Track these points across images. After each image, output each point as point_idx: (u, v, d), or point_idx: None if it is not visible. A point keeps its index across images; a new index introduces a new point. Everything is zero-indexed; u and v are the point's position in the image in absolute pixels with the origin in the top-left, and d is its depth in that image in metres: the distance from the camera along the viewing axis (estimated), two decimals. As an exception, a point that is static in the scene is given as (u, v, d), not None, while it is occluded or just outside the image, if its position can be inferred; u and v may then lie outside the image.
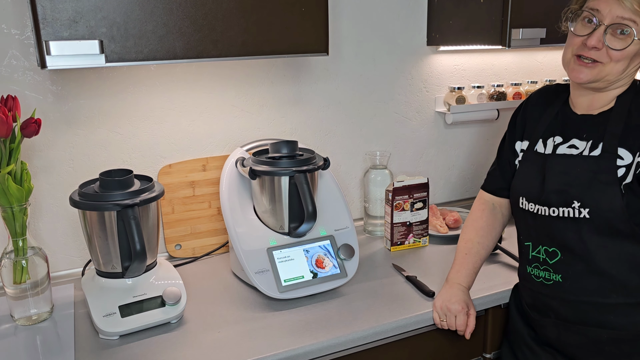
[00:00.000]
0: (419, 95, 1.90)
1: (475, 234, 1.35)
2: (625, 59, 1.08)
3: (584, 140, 1.15)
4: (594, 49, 1.08)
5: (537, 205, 1.18)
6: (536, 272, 1.21)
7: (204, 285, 1.43)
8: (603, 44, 1.07)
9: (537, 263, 1.21)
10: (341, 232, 1.43)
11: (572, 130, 1.18)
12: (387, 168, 1.74)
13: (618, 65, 1.08)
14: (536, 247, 1.21)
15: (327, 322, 1.23)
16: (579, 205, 1.12)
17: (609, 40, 1.07)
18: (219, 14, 1.23)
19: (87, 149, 1.49)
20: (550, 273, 1.19)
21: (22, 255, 1.24)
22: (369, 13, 1.75)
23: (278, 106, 1.69)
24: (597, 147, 1.13)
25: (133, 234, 1.16)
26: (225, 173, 1.43)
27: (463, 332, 1.26)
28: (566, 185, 1.14)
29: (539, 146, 1.22)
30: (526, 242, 1.24)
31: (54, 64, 1.11)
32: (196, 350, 1.14)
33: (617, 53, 1.07)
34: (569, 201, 1.13)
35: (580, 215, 1.12)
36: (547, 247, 1.18)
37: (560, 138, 1.19)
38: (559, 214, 1.14)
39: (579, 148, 1.16)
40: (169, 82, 1.55)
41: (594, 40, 1.07)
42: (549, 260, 1.18)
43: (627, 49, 1.06)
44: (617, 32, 1.06)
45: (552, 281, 1.18)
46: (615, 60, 1.08)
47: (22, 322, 1.26)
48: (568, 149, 1.17)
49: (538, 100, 1.29)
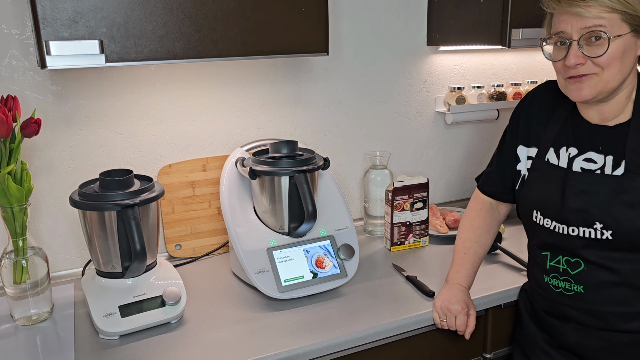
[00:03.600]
0: (419, 95, 1.90)
1: (472, 233, 1.34)
2: (615, 61, 1.03)
3: (601, 153, 1.10)
4: (578, 65, 1.05)
5: (555, 222, 1.14)
6: (555, 282, 1.17)
7: (204, 285, 1.43)
8: (583, 56, 1.04)
9: (556, 273, 1.17)
10: (341, 232, 1.43)
11: (587, 141, 1.13)
12: (387, 168, 1.74)
13: (611, 69, 1.04)
14: (555, 257, 1.17)
15: (327, 322, 1.23)
16: (602, 227, 1.07)
17: (588, 51, 1.03)
18: (219, 14, 1.23)
19: (87, 149, 1.49)
20: (571, 284, 1.14)
21: (22, 255, 1.24)
22: (369, 13, 1.75)
23: (278, 106, 1.69)
24: (619, 164, 1.08)
25: (133, 234, 1.16)
26: (225, 173, 1.43)
27: (463, 333, 1.26)
28: (587, 204, 1.09)
29: (550, 156, 1.17)
30: (543, 252, 1.19)
31: (54, 64, 1.11)
32: (196, 350, 1.14)
33: (602, 59, 1.03)
34: (590, 222, 1.08)
35: (602, 236, 1.08)
36: (569, 258, 1.14)
37: (575, 150, 1.14)
38: (579, 233, 1.10)
39: (597, 162, 1.10)
40: (169, 82, 1.55)
41: (572, 57, 1.04)
42: (571, 271, 1.14)
43: (609, 50, 1.02)
44: (592, 40, 1.02)
45: (573, 292, 1.14)
46: (605, 66, 1.03)
47: (22, 322, 1.26)
48: (585, 162, 1.12)
49: (543, 100, 1.23)
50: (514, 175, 1.26)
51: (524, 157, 1.24)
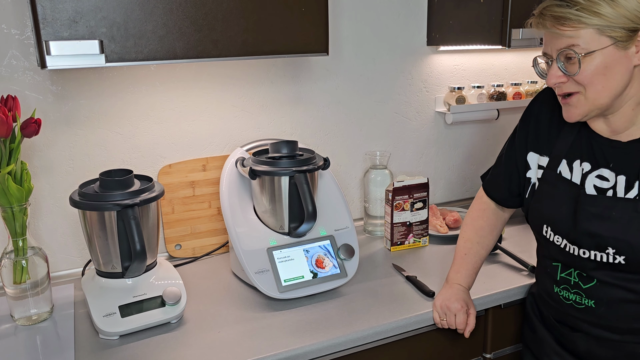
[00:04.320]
0: (419, 95, 1.90)
1: (474, 233, 1.33)
2: (595, 77, 0.99)
3: (612, 171, 1.07)
4: (560, 84, 1.03)
5: (566, 241, 1.11)
6: (565, 294, 1.15)
7: (204, 285, 1.43)
8: (563, 75, 1.02)
9: (567, 285, 1.14)
10: (341, 232, 1.43)
11: (600, 157, 1.09)
12: (387, 168, 1.74)
13: (594, 86, 1.00)
14: (566, 270, 1.14)
15: (327, 322, 1.23)
16: (614, 252, 1.04)
17: (568, 68, 1.01)
18: (219, 14, 1.23)
19: (87, 149, 1.49)
20: (582, 297, 1.12)
21: (22, 255, 1.24)
22: (369, 13, 1.75)
23: (278, 106, 1.69)
24: (632, 186, 1.04)
25: (133, 234, 1.16)
26: (225, 173, 1.43)
27: (463, 331, 1.26)
28: (600, 229, 1.05)
29: (563, 169, 1.13)
30: (554, 263, 1.17)
31: (54, 64, 1.11)
32: (196, 350, 1.14)
33: (580, 77, 1.00)
34: (602, 247, 1.06)
35: (615, 261, 1.05)
36: (581, 272, 1.11)
37: (588, 165, 1.10)
38: (590, 256, 1.08)
39: (609, 180, 1.07)
40: (169, 82, 1.55)
41: (552, 77, 1.03)
42: (582, 285, 1.11)
43: (585, 67, 0.99)
44: (570, 59, 1.00)
45: (584, 305, 1.12)
46: (586, 84, 1.00)
47: (22, 322, 1.26)
48: (598, 179, 1.08)
49: (552, 105, 1.16)
50: (522, 181, 1.22)
51: (534, 165, 1.20)
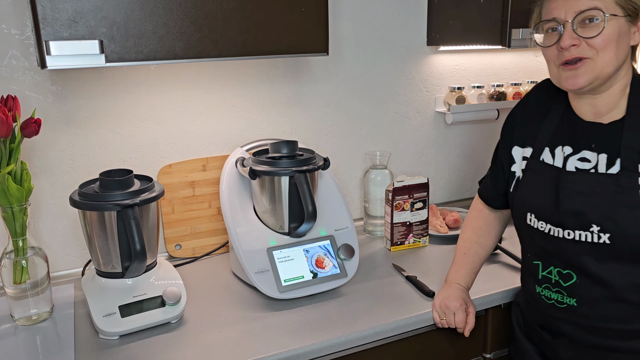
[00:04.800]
0: (419, 95, 1.90)
1: (473, 233, 1.33)
2: (610, 43, 0.99)
3: (594, 151, 1.06)
4: (572, 47, 1.01)
5: (550, 225, 1.09)
6: (547, 294, 1.13)
7: (204, 285, 1.43)
8: (578, 38, 1.00)
9: (548, 284, 1.12)
10: (341, 232, 1.43)
11: (581, 139, 1.08)
12: (387, 168, 1.74)
13: (607, 52, 1.00)
14: (547, 267, 1.12)
15: (327, 322, 1.23)
16: (599, 230, 1.02)
17: (582, 32, 0.99)
18: (219, 14, 1.23)
19: (87, 149, 1.49)
20: (563, 296, 1.10)
21: (22, 255, 1.24)
22: (369, 13, 1.75)
23: (278, 106, 1.69)
24: (614, 163, 1.03)
25: (133, 234, 1.16)
26: (225, 173, 1.43)
27: (462, 330, 1.25)
28: (583, 206, 1.04)
29: (546, 156, 1.13)
30: (535, 261, 1.15)
31: (54, 64, 1.11)
32: (196, 350, 1.14)
33: (597, 40, 0.99)
34: (586, 225, 1.03)
35: (599, 240, 1.02)
36: (561, 269, 1.09)
37: (570, 148, 1.09)
38: (575, 237, 1.05)
39: (591, 161, 1.06)
40: (169, 82, 1.55)
41: (567, 38, 1.00)
42: (563, 283, 1.09)
43: (604, 31, 0.98)
44: (586, 22, 0.99)
45: (566, 304, 1.10)
46: (600, 48, 0.99)
47: (22, 322, 1.26)
48: (580, 162, 1.07)
49: (539, 99, 1.19)
50: (508, 177, 1.22)
51: (518, 158, 1.20)
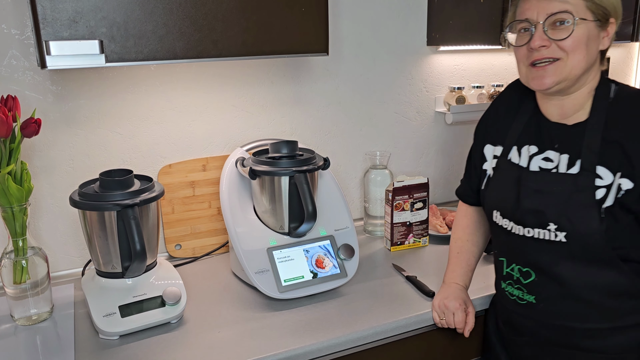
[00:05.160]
0: (419, 95, 1.90)
1: (462, 232, 1.35)
2: (579, 46, 1.01)
3: (557, 151, 1.09)
4: (542, 48, 1.03)
5: (512, 223, 1.13)
6: (510, 290, 1.18)
7: (204, 285, 1.43)
8: (548, 39, 1.02)
9: (511, 280, 1.17)
10: (341, 232, 1.43)
11: (546, 139, 1.11)
12: (387, 168, 1.74)
13: (576, 55, 1.02)
14: (510, 264, 1.17)
15: (327, 322, 1.23)
16: (555, 228, 1.06)
17: (553, 34, 1.02)
18: (219, 14, 1.23)
19: (87, 149, 1.49)
20: (523, 293, 1.14)
21: (22, 255, 1.24)
22: (369, 13, 1.75)
23: (278, 106, 1.69)
24: (574, 163, 1.06)
25: (133, 234, 1.16)
26: (225, 173, 1.43)
27: (462, 330, 1.26)
28: (542, 205, 1.07)
29: (513, 155, 1.15)
30: (500, 258, 1.20)
31: (54, 64, 1.11)
32: (196, 350, 1.14)
33: (567, 42, 1.01)
34: (544, 223, 1.07)
35: (556, 238, 1.06)
36: (521, 267, 1.14)
37: (535, 148, 1.12)
38: (534, 235, 1.09)
39: (553, 161, 1.09)
40: (169, 82, 1.55)
41: (537, 39, 1.02)
42: (523, 280, 1.14)
43: (574, 34, 1.00)
44: (557, 25, 1.01)
45: (526, 301, 1.14)
46: (570, 50, 1.01)
47: (22, 322, 1.26)
48: (543, 161, 1.10)
49: (510, 98, 1.21)
50: (480, 175, 1.25)
51: (490, 156, 1.22)
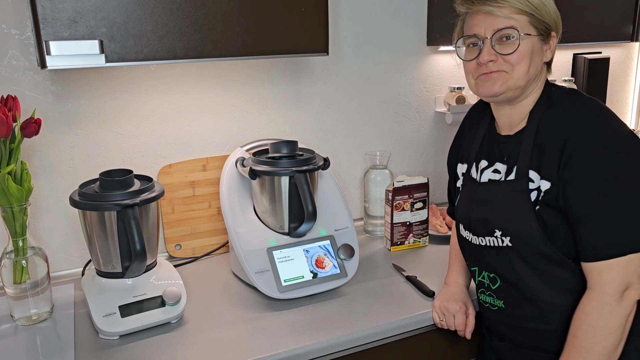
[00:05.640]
0: (419, 95, 1.90)
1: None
2: (524, 59, 1.06)
3: (505, 163, 1.13)
4: (490, 63, 1.07)
5: (470, 234, 1.19)
6: (483, 297, 1.22)
7: (204, 285, 1.43)
8: (495, 54, 1.07)
9: (482, 288, 1.21)
10: (341, 232, 1.43)
11: (496, 152, 1.16)
12: (387, 168, 1.74)
13: (521, 67, 1.07)
14: (480, 273, 1.21)
15: (327, 322, 1.23)
16: (501, 234, 1.10)
17: (500, 49, 1.07)
18: (219, 14, 1.23)
19: (87, 149, 1.49)
20: (494, 299, 1.18)
21: (22, 255, 1.24)
22: (368, 13, 1.75)
23: (278, 106, 1.69)
24: (512, 170, 1.11)
25: (133, 234, 1.16)
26: (225, 173, 1.43)
27: (463, 332, 1.26)
28: (487, 213, 1.13)
29: (472, 170, 1.22)
30: (472, 267, 1.24)
31: (54, 64, 1.11)
32: (196, 350, 1.14)
33: (513, 57, 1.06)
34: (491, 230, 1.12)
35: (503, 243, 1.11)
36: (488, 273, 1.18)
37: (485, 162, 1.18)
38: (487, 243, 1.14)
39: (500, 172, 1.14)
40: (169, 82, 1.55)
41: (485, 54, 1.07)
42: (492, 286, 1.18)
43: (519, 48, 1.05)
44: (503, 40, 1.06)
45: (497, 307, 1.18)
46: (516, 63, 1.06)
47: (22, 322, 1.26)
48: (492, 173, 1.15)
49: (472, 119, 1.28)
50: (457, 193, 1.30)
51: (460, 174, 1.29)
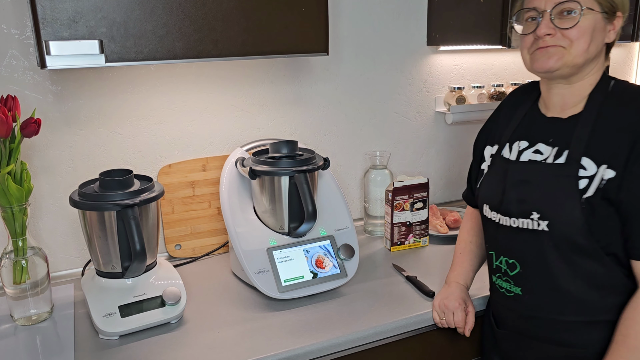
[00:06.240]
0: (419, 95, 1.90)
1: (467, 233, 1.36)
2: (584, 35, 1.02)
3: (550, 145, 1.09)
4: (547, 36, 1.04)
5: (499, 215, 1.14)
6: (499, 283, 1.19)
7: (204, 285, 1.43)
8: (554, 28, 1.03)
9: (499, 273, 1.18)
10: (341, 232, 1.42)
11: (539, 133, 1.13)
12: (387, 168, 1.74)
13: (580, 43, 1.03)
14: (498, 257, 1.18)
15: (327, 322, 1.23)
16: (538, 217, 1.06)
17: (559, 23, 1.03)
18: (219, 14, 1.23)
19: (87, 149, 1.49)
20: (511, 285, 1.16)
21: (22, 255, 1.24)
22: (368, 13, 1.75)
23: (278, 106, 1.69)
24: (562, 154, 1.07)
25: (133, 234, 1.16)
26: (225, 173, 1.43)
27: (462, 330, 1.26)
28: (525, 194, 1.09)
29: (505, 151, 1.18)
30: (490, 251, 1.21)
31: (54, 64, 1.11)
32: (196, 350, 1.14)
33: (573, 31, 1.02)
34: (527, 212, 1.08)
35: (539, 227, 1.07)
36: (507, 259, 1.15)
37: (525, 142, 1.14)
38: (519, 225, 1.10)
39: (543, 154, 1.10)
40: (169, 82, 1.55)
41: (543, 27, 1.03)
42: (510, 272, 1.15)
43: (580, 24, 1.02)
44: (564, 14, 1.03)
45: (513, 293, 1.15)
46: (575, 39, 1.03)
47: (22, 322, 1.25)
48: (533, 154, 1.11)
49: (510, 101, 1.25)
50: (479, 175, 1.27)
51: (487, 156, 1.25)
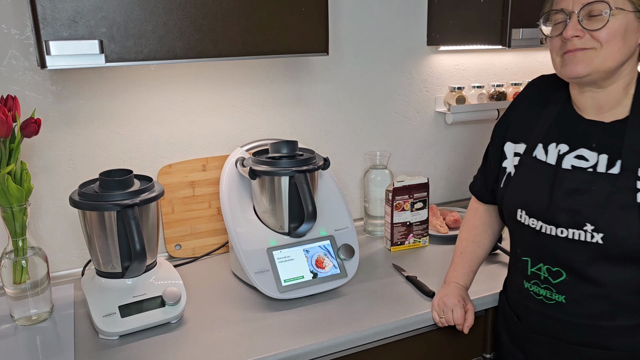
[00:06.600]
0: (419, 95, 1.90)
1: (469, 233, 1.34)
2: (615, 38, 0.99)
3: (594, 151, 1.05)
4: (575, 38, 1.00)
5: (541, 223, 1.08)
6: (536, 289, 1.13)
7: (204, 285, 1.43)
8: (582, 30, 0.99)
9: (537, 280, 1.13)
10: (341, 232, 1.42)
11: (578, 137, 1.07)
12: (387, 168, 1.74)
13: (611, 46, 0.99)
14: (536, 264, 1.12)
15: (327, 322, 1.23)
16: (592, 229, 1.01)
17: (587, 24, 0.99)
18: (219, 14, 1.23)
19: (87, 149, 1.49)
20: (552, 293, 1.10)
21: (22, 255, 1.24)
22: (368, 13, 1.75)
23: (278, 106, 1.69)
24: (614, 164, 1.02)
25: (133, 234, 1.16)
26: (225, 173, 1.43)
27: (461, 327, 1.25)
28: (579, 205, 1.03)
29: (538, 152, 1.12)
30: (524, 257, 1.15)
31: (54, 64, 1.11)
32: (196, 350, 1.14)
33: (602, 33, 0.98)
34: (580, 223, 1.03)
35: (592, 239, 1.02)
36: (550, 266, 1.09)
37: (566, 146, 1.08)
38: (568, 235, 1.05)
39: (589, 160, 1.05)
40: (169, 82, 1.55)
41: (570, 29, 1.00)
42: (552, 280, 1.10)
43: (609, 24, 0.98)
44: (592, 15, 0.99)
45: (554, 301, 1.10)
46: (604, 41, 0.99)
47: (22, 322, 1.25)
48: (576, 159, 1.06)
49: (534, 95, 1.19)
50: (498, 173, 1.22)
51: (510, 154, 1.19)
